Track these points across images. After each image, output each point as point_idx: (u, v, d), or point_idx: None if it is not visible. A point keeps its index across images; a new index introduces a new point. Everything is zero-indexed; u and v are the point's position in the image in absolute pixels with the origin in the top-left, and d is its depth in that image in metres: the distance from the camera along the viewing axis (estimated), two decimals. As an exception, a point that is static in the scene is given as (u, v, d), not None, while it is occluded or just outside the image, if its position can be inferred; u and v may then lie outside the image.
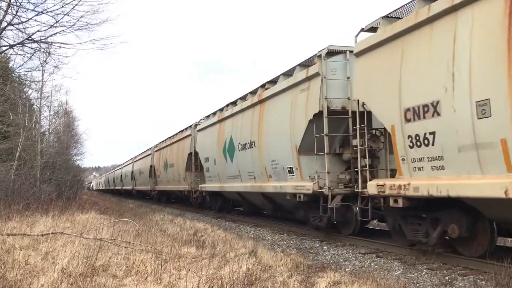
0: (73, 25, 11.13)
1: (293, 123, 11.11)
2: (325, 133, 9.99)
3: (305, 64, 11.08)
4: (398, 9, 8.22)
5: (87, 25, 11.21)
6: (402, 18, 7.84)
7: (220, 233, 11.93)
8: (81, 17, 11.11)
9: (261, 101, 13.28)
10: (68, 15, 11.00)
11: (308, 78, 10.58)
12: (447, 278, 6.56)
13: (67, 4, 10.88)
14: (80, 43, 12.24)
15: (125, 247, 7.30)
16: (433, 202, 7.32)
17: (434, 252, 7.73)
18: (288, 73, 12.03)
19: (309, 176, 10.73)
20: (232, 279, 5.53)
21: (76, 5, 10.88)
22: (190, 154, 21.23)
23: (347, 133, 10.15)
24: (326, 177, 9.97)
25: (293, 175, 11.31)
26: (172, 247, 7.87)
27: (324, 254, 9.05)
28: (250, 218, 16.30)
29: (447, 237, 7.58)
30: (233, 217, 17.43)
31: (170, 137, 26.82)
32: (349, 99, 10.00)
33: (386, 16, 8.26)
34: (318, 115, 10.14)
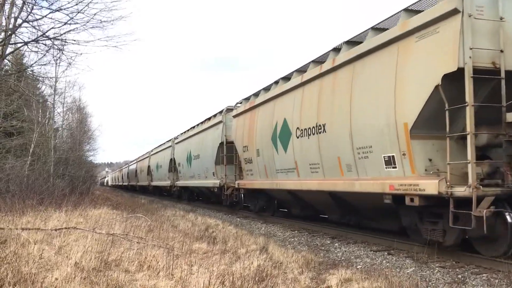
0: (87, 22, 11.21)
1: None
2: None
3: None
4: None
5: (100, 22, 11.29)
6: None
7: (231, 229, 11.97)
8: (95, 14, 11.19)
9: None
10: (82, 12, 11.09)
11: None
12: (459, 276, 6.50)
13: (81, 1, 10.96)
14: (93, 40, 12.33)
15: (137, 242, 7.36)
16: None
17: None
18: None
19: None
20: (243, 275, 5.54)
21: (90, 2, 10.96)
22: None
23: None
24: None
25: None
26: (184, 243, 7.91)
27: (336, 251, 9.03)
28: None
29: None
30: (245, 214, 17.44)
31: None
32: (501, 51, 6.88)
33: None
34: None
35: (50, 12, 11.22)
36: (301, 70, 11.98)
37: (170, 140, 30.11)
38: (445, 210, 7.04)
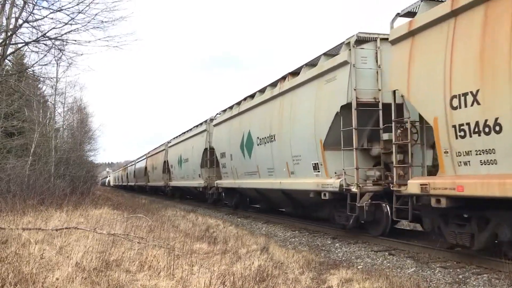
0: (88, 22, 11.21)
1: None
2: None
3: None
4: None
5: (101, 23, 11.29)
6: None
7: (232, 229, 11.97)
8: (96, 15, 11.18)
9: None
10: (83, 13, 11.09)
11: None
12: (460, 276, 6.50)
13: (82, 2, 10.96)
14: (95, 40, 12.33)
15: (138, 242, 7.36)
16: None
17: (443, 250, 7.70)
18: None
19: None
20: (244, 275, 5.54)
21: (91, 2, 10.96)
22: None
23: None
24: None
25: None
26: (185, 243, 7.92)
27: (336, 251, 9.03)
28: (263, 215, 16.11)
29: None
30: (245, 214, 17.45)
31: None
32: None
33: None
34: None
35: (50, 13, 11.20)
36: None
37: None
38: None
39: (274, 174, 13.19)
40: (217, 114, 19.82)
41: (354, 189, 9.28)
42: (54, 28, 11.58)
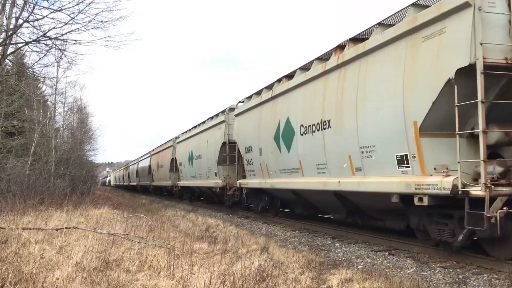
0: (88, 22, 11.21)
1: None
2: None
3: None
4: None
5: (102, 23, 11.28)
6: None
7: (232, 229, 11.97)
8: (96, 15, 11.18)
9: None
10: (83, 13, 11.09)
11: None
12: (460, 276, 6.50)
13: (82, 1, 10.95)
14: (95, 40, 12.33)
15: (138, 242, 7.36)
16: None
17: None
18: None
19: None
20: (244, 275, 5.54)
21: (91, 2, 10.95)
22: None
23: (503, 98, 6.74)
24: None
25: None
26: (185, 243, 7.92)
27: (336, 251, 9.03)
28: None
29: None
30: (245, 214, 17.45)
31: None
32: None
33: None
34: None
35: (51, 12, 11.19)
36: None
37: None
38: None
39: (327, 171, 10.20)
40: (239, 102, 17.17)
41: (479, 191, 6.34)
42: (54, 28, 11.59)
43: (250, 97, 15.88)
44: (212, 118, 20.69)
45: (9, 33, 11.57)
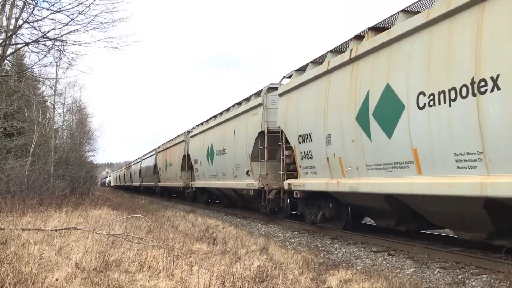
0: (88, 23, 11.21)
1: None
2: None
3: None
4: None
5: (101, 24, 11.29)
6: (304, 70, 11.71)
7: (231, 230, 11.97)
8: (96, 16, 11.19)
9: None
10: (83, 14, 11.09)
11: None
12: (460, 277, 6.50)
13: (82, 3, 10.96)
14: (94, 41, 12.33)
15: (137, 242, 7.36)
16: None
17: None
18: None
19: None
20: (243, 276, 5.54)
21: (91, 3, 10.96)
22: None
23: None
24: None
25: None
26: (184, 243, 7.92)
27: (336, 252, 9.03)
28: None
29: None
30: (244, 214, 17.45)
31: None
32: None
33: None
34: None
35: (51, 13, 11.20)
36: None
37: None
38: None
39: (484, 164, 9.64)
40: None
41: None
42: (54, 28, 11.61)
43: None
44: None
45: (9, 34, 11.58)
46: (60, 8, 11.17)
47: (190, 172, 23.59)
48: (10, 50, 12.66)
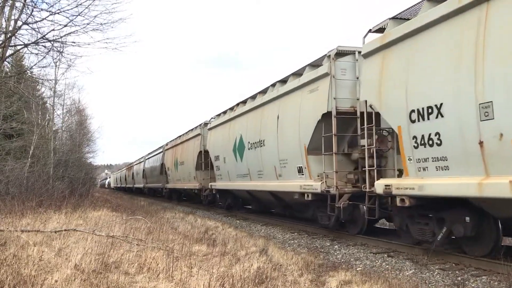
0: (87, 24, 11.22)
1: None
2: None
3: (314, 64, 11.17)
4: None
5: (101, 25, 11.29)
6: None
7: (231, 231, 11.96)
8: (95, 17, 11.19)
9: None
10: (82, 15, 11.09)
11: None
12: (459, 278, 6.50)
13: (81, 4, 10.96)
14: (93, 42, 12.34)
15: (137, 244, 7.35)
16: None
17: (444, 252, 7.68)
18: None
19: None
20: (243, 277, 5.54)
21: (90, 4, 10.96)
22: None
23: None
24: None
25: (303, 175, 11.19)
26: (183, 245, 7.91)
27: (335, 253, 9.03)
28: (261, 217, 16.08)
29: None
30: (243, 215, 17.44)
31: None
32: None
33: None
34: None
35: (50, 15, 11.19)
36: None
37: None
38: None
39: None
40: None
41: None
42: (53, 30, 11.62)
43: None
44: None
45: (8, 35, 11.59)
46: (59, 9, 11.19)
47: (208, 171, 20.29)
48: (9, 52, 12.68)
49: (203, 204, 21.89)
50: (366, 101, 8.99)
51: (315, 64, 11.19)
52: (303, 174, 11.35)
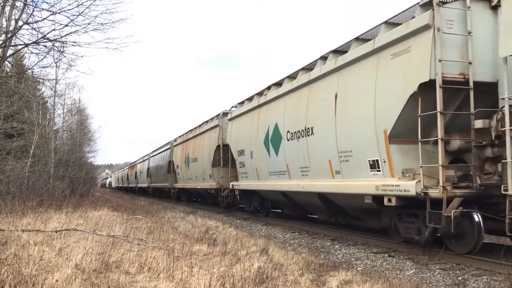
0: (88, 24, 11.22)
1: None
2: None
3: (394, 22, 8.34)
4: None
5: (101, 25, 11.30)
6: None
7: (231, 231, 11.96)
8: (96, 17, 11.19)
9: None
10: (82, 15, 11.10)
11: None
12: (460, 278, 6.50)
13: (82, 4, 10.97)
14: (94, 42, 12.35)
15: (137, 244, 7.36)
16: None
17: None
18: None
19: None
20: (243, 277, 5.54)
21: (91, 4, 10.97)
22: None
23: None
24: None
25: (379, 171, 8.28)
26: (184, 244, 7.91)
27: (336, 253, 9.03)
28: (262, 217, 15.99)
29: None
30: (244, 215, 17.43)
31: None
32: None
33: None
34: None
35: (50, 14, 11.20)
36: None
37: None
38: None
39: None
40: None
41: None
42: (54, 30, 11.62)
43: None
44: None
45: (9, 35, 11.59)
46: (60, 9, 11.19)
47: (228, 169, 17.75)
48: (10, 51, 12.69)
49: (221, 207, 19.25)
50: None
51: (394, 22, 8.45)
52: (379, 170, 8.45)
